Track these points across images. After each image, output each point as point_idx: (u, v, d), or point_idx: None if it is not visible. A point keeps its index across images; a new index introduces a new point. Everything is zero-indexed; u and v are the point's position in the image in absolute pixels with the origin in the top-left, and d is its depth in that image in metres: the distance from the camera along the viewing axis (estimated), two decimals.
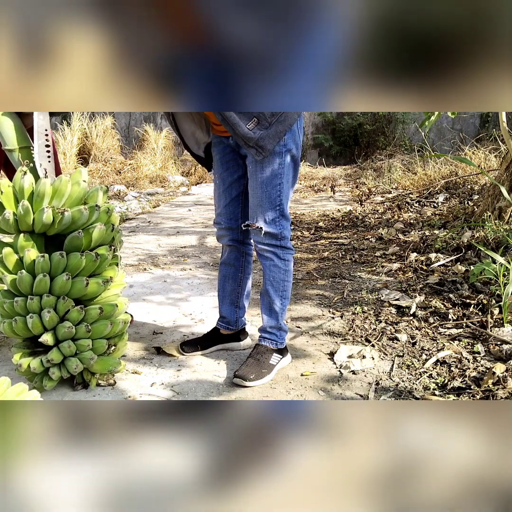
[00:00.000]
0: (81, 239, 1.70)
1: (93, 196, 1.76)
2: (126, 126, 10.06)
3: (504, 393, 1.65)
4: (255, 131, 1.66)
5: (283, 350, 1.95)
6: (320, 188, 7.07)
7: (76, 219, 1.68)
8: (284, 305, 1.93)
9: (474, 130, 9.07)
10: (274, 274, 1.88)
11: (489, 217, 3.36)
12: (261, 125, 1.66)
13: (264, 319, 1.93)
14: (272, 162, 1.73)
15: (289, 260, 1.89)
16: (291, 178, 1.81)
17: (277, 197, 1.77)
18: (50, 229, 1.69)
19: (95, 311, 1.72)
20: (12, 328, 1.67)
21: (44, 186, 1.63)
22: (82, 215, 1.68)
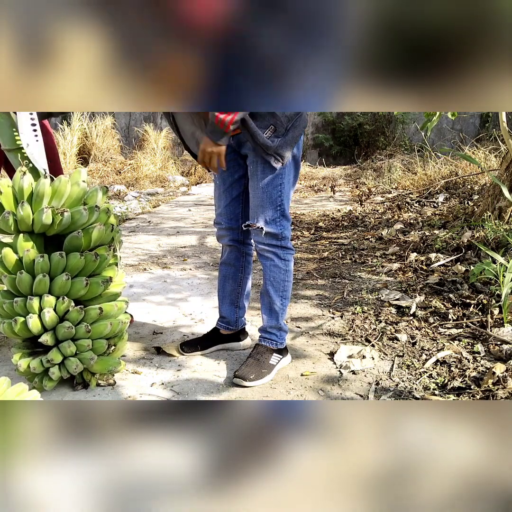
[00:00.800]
0: (81, 239, 1.70)
1: (93, 196, 1.76)
2: (126, 126, 10.06)
3: (504, 393, 1.65)
4: (272, 139, 1.67)
5: (283, 350, 1.95)
6: (320, 188, 7.07)
7: (76, 219, 1.68)
8: (284, 305, 1.92)
9: (474, 130, 9.07)
10: (274, 274, 1.87)
11: (489, 217, 3.36)
12: (278, 132, 1.68)
13: (264, 319, 1.93)
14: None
15: (289, 260, 1.88)
16: (292, 178, 1.81)
17: (278, 197, 1.78)
18: (50, 230, 1.69)
19: (94, 311, 1.72)
20: (12, 328, 1.67)
21: (43, 186, 1.63)
22: (82, 215, 1.68)
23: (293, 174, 1.81)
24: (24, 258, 1.65)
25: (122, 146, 9.64)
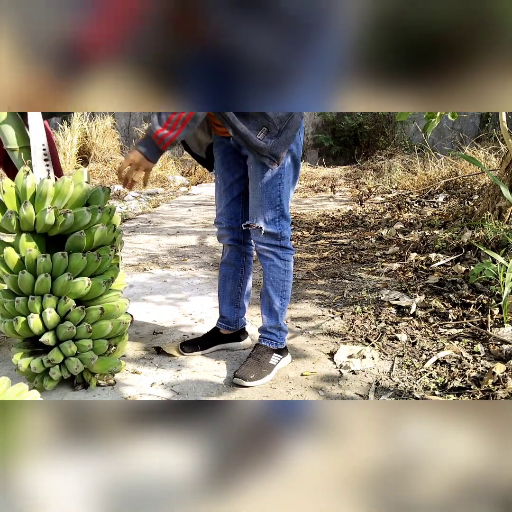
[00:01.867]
0: (83, 240, 1.70)
1: (96, 197, 1.77)
2: (126, 126, 10.06)
3: (504, 393, 1.65)
4: (266, 140, 1.66)
5: (283, 350, 1.95)
6: (320, 188, 7.07)
7: (78, 220, 1.68)
8: (284, 305, 1.92)
9: (474, 130, 9.07)
10: (274, 274, 1.87)
11: (489, 217, 3.36)
12: (271, 133, 1.66)
13: (264, 319, 1.93)
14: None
15: (289, 260, 1.88)
16: (292, 178, 1.81)
17: (277, 197, 1.77)
18: (52, 230, 1.69)
19: (96, 312, 1.72)
20: (12, 328, 1.67)
21: (46, 186, 1.63)
22: (85, 216, 1.69)
23: (292, 174, 1.81)
24: (26, 257, 1.65)
25: (122, 146, 9.64)
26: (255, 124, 1.65)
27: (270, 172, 1.74)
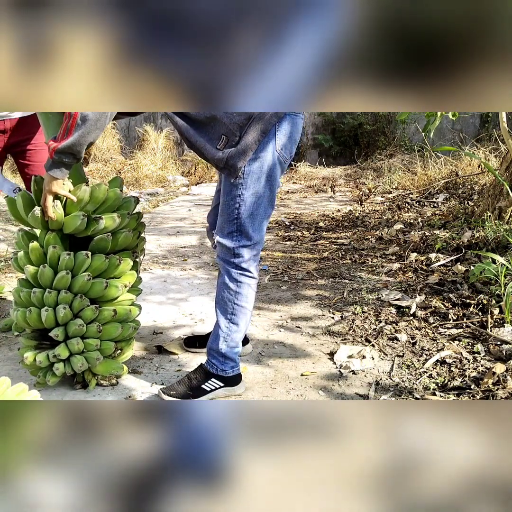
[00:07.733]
0: (109, 242, 1.73)
1: (127, 206, 1.82)
2: (126, 126, 10.06)
3: (504, 393, 1.65)
4: (224, 150, 1.53)
5: (229, 379, 1.73)
6: (320, 188, 7.07)
7: (108, 225, 1.71)
8: (230, 331, 1.69)
9: (474, 130, 9.07)
10: (223, 293, 1.69)
11: (489, 217, 3.36)
12: (230, 141, 1.52)
13: (209, 339, 1.76)
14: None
15: (242, 282, 1.67)
16: (261, 190, 1.60)
17: (235, 210, 1.60)
18: (81, 233, 1.72)
19: (108, 312, 1.74)
20: (25, 317, 1.69)
21: (84, 193, 1.66)
22: (115, 222, 1.72)
23: (262, 185, 1.59)
24: (50, 253, 1.68)
25: (122, 146, 9.63)
26: (213, 133, 1.53)
27: (230, 180, 1.60)
